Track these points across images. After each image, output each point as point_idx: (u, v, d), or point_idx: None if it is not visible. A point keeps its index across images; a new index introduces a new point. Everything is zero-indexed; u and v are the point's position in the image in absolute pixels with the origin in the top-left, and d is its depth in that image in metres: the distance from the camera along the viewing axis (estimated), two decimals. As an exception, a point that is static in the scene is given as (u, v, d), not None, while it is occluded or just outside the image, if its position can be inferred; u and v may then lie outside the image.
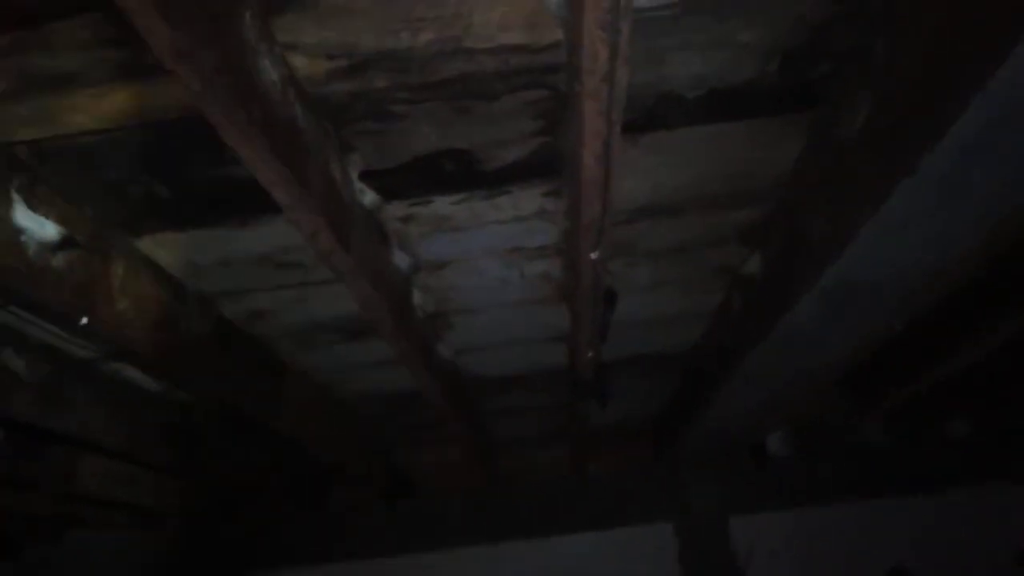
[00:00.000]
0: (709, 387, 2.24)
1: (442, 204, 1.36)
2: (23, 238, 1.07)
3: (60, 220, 1.13)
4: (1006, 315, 1.94)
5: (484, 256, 1.57)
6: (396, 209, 1.35)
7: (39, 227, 1.08)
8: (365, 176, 1.22)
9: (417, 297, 1.61)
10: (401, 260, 1.45)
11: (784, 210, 1.45)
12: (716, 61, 1.07)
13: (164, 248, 1.38)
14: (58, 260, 1.14)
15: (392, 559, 3.32)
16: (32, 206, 1.08)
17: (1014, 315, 1.94)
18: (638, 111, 1.14)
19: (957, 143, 0.98)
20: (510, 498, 3.40)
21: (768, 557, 3.16)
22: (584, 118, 0.89)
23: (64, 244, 1.13)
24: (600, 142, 0.92)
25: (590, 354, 1.70)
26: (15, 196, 1.06)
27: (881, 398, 2.72)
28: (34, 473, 2.18)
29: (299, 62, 0.98)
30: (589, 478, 3.38)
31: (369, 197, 1.23)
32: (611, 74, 0.80)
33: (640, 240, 1.58)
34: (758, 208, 1.49)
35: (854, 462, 3.29)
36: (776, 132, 1.25)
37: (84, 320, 1.20)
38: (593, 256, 1.20)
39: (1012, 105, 0.92)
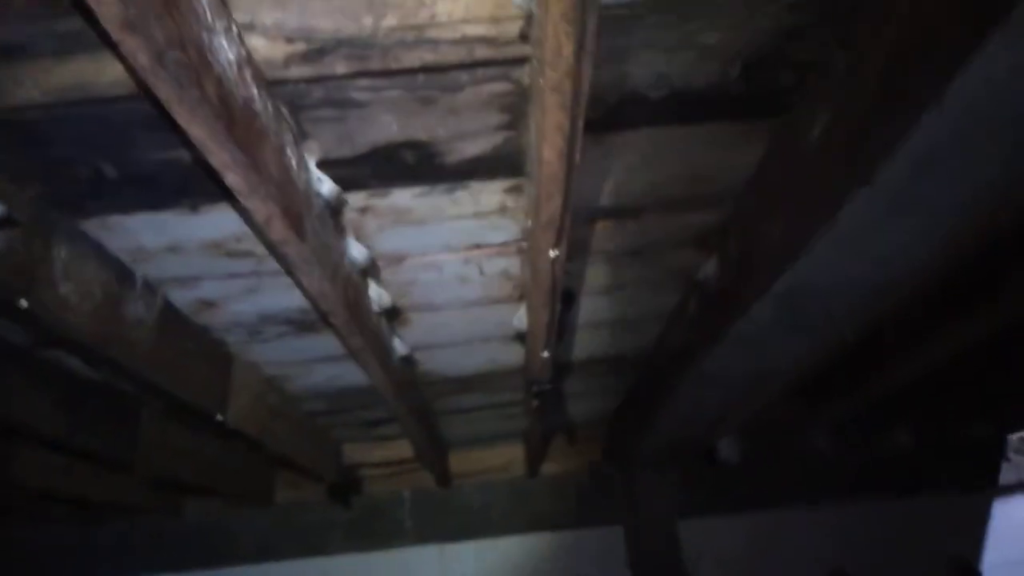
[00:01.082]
0: (663, 390, 2.26)
1: (401, 196, 1.34)
2: (-43, 214, 1.02)
3: (1, 198, 1.08)
4: (953, 328, 2.00)
5: (443, 252, 1.56)
6: (354, 200, 1.33)
7: (-25, 204, 1.03)
8: (323, 165, 1.19)
9: (373, 292, 1.58)
10: (358, 253, 1.42)
11: (742, 215, 1.47)
12: (679, 62, 1.08)
13: (111, 231, 1.33)
14: (-4, 239, 1.09)
15: (339, 557, 3.28)
16: (-32, 181, 1.03)
17: (960, 328, 2.00)
18: (600, 110, 1.14)
19: (911, 156, 1.00)
20: (461, 497, 3.38)
21: (716, 560, 3.21)
22: (546, 112, 0.88)
23: (3, 223, 1.08)
24: (562, 137, 0.92)
25: (545, 354, 1.70)
26: (-50, 169, 1.01)
27: (829, 406, 2.78)
28: (-36, 463, 2.09)
29: (257, 43, 0.95)
30: (541, 479, 3.39)
31: (327, 186, 1.20)
32: (575, 68, 0.80)
33: (599, 241, 1.58)
34: (716, 212, 1.51)
35: (800, 469, 3.37)
36: (737, 137, 1.26)
37: (23, 303, 1.15)
38: (552, 255, 1.19)
39: (966, 121, 0.94)
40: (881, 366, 2.31)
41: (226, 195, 1.26)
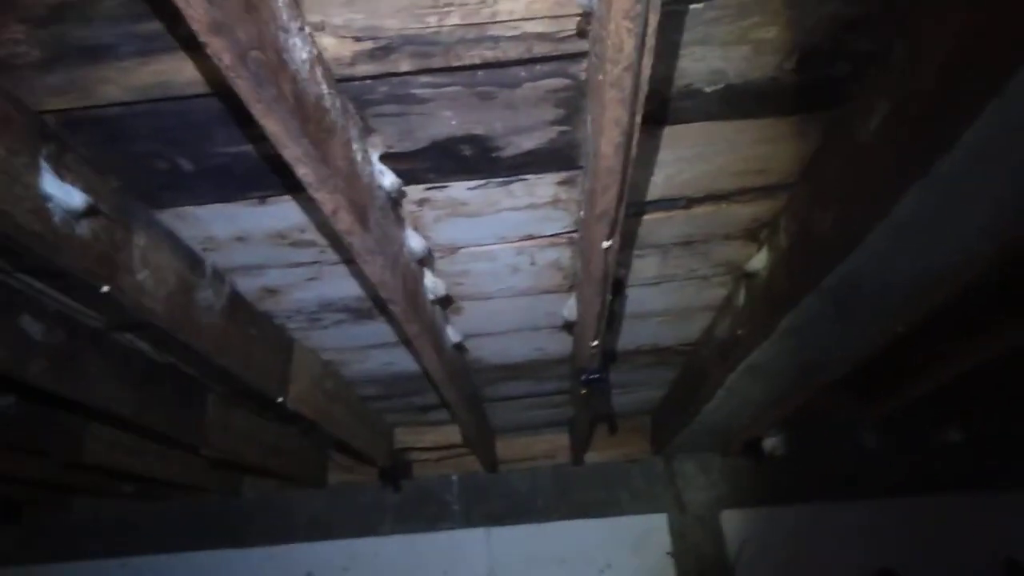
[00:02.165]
0: (709, 381, 2.27)
1: (458, 189, 1.38)
2: (49, 205, 1.09)
3: (86, 189, 1.15)
4: (1011, 323, 1.96)
5: (497, 242, 1.59)
6: (413, 192, 1.37)
7: (65, 195, 1.10)
8: (385, 158, 1.24)
9: (429, 281, 1.63)
10: (416, 243, 1.47)
11: (794, 208, 1.47)
12: (735, 57, 1.09)
13: (184, 221, 1.41)
14: (82, 228, 1.16)
15: (390, 537, 3.37)
16: (60, 175, 1.10)
17: (1015, 323, 1.96)
18: (655, 103, 1.16)
19: (970, 148, 1.00)
20: (507, 483, 3.44)
21: (759, 551, 3.20)
22: (605, 107, 0.91)
23: (89, 213, 1.15)
24: (620, 131, 0.94)
25: (595, 344, 1.73)
26: (43, 164, 1.08)
27: (878, 401, 2.75)
28: (44, 440, 2.22)
29: (327, 42, 0.99)
30: (586, 467, 3.42)
31: (388, 179, 1.24)
32: (636, 64, 0.82)
33: (649, 232, 1.60)
34: (767, 205, 1.51)
35: (849, 464, 3.33)
36: (791, 130, 1.27)
37: (105, 288, 1.22)
38: (605, 245, 1.22)
39: (1025, 112, 0.94)
40: (932, 360, 2.28)
41: (292, 188, 1.33)
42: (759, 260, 1.67)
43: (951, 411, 3.20)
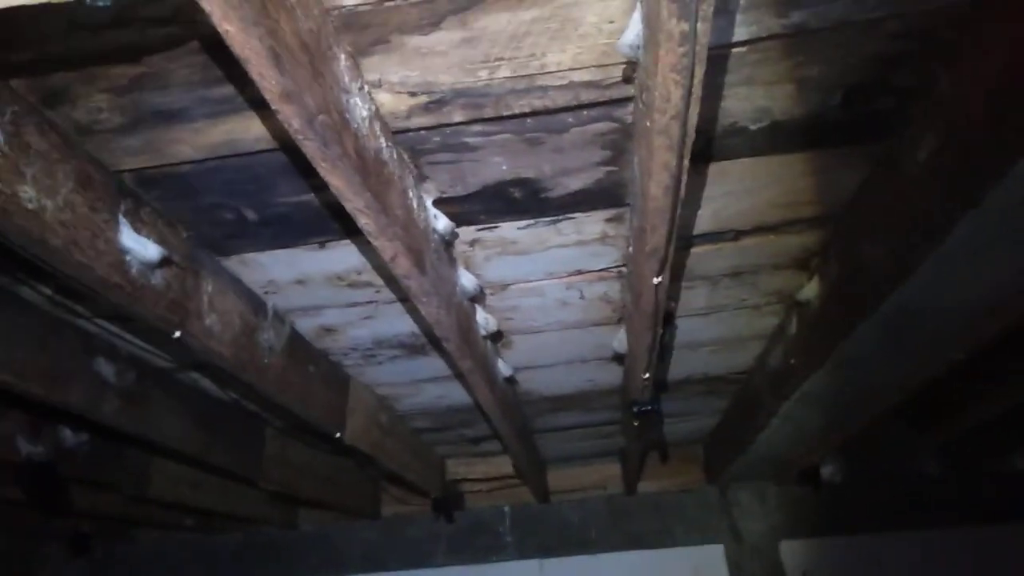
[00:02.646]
0: (763, 410, 2.24)
1: (508, 229, 1.42)
2: (127, 258, 1.16)
3: (160, 241, 1.22)
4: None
5: (546, 278, 1.62)
6: (465, 233, 1.41)
7: (142, 248, 1.17)
8: (438, 203, 1.28)
9: (480, 317, 1.66)
10: (467, 282, 1.51)
11: (843, 237, 1.47)
12: (779, 95, 1.11)
13: (248, 267, 1.47)
14: (156, 278, 1.23)
15: (443, 569, 3.38)
16: (136, 229, 1.17)
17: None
18: (701, 142, 1.18)
19: (1022, 177, 1.00)
20: (559, 513, 3.42)
21: (820, 583, 3.12)
22: (653, 152, 0.94)
23: (162, 263, 1.22)
24: (668, 175, 0.97)
25: (646, 375, 1.73)
26: (122, 220, 1.15)
27: (937, 428, 2.68)
28: (113, 476, 2.31)
29: (384, 98, 1.05)
30: (639, 496, 3.39)
31: (442, 223, 1.29)
32: (683, 113, 0.85)
33: (698, 264, 1.61)
34: (816, 235, 1.51)
35: (909, 491, 3.22)
36: (837, 163, 1.28)
37: (177, 334, 1.29)
38: (656, 281, 1.24)
39: (1078, 142, 0.94)
40: (994, 387, 2.22)
41: (350, 232, 1.38)
42: (810, 289, 1.66)
43: (1014, 438, 3.09)
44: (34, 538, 3.57)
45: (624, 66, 1.01)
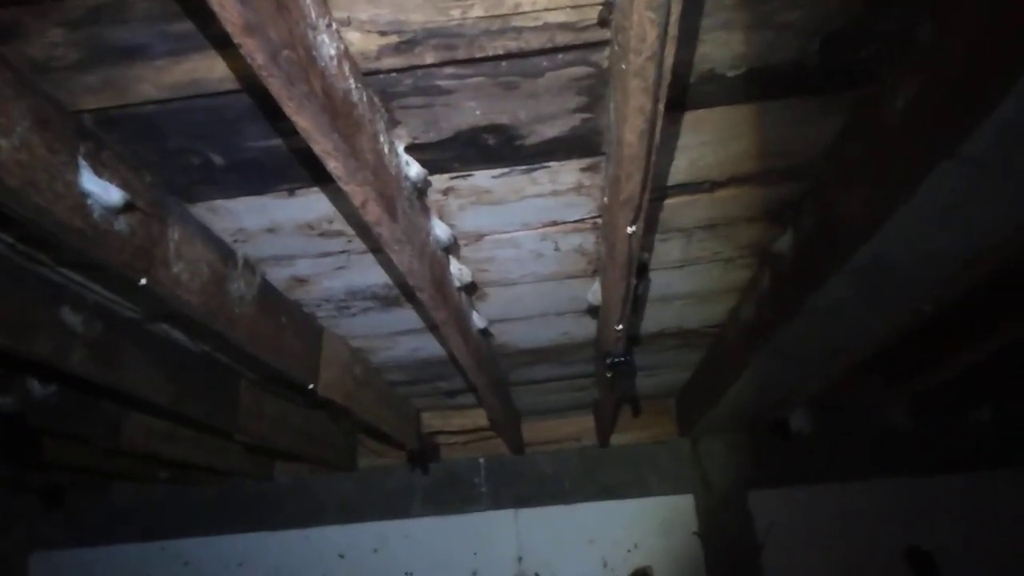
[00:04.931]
0: (735, 363, 2.27)
1: (482, 177, 1.40)
2: (89, 202, 1.12)
3: (123, 185, 1.18)
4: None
5: (521, 229, 1.61)
6: (438, 181, 1.39)
7: (103, 191, 1.13)
8: (410, 149, 1.26)
9: (454, 268, 1.65)
10: (441, 232, 1.49)
11: (818, 189, 1.47)
12: (757, 41, 1.09)
13: (216, 214, 1.44)
14: (120, 224, 1.19)
15: (419, 520, 3.43)
16: (97, 172, 1.14)
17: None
18: (678, 89, 1.17)
19: (997, 128, 1.00)
20: (534, 465, 3.47)
21: (787, 532, 3.21)
22: (629, 96, 0.92)
23: (126, 208, 1.19)
24: (644, 119, 0.95)
25: (619, 327, 1.74)
26: (82, 162, 1.11)
27: (907, 381, 2.73)
28: (85, 428, 2.29)
29: (353, 37, 1.01)
30: (612, 449, 3.45)
31: (414, 170, 1.27)
32: (659, 54, 0.83)
33: (673, 216, 1.61)
34: (791, 186, 1.51)
35: (877, 443, 3.32)
36: (815, 112, 1.27)
37: (143, 281, 1.26)
38: (630, 231, 1.23)
39: (1053, 91, 0.93)
40: (963, 340, 2.26)
41: (320, 179, 1.35)
42: (784, 242, 1.67)
43: (982, 390, 3.17)
44: (8, 491, 3.55)
45: (600, 7, 0.99)
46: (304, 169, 1.31)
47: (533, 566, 3.32)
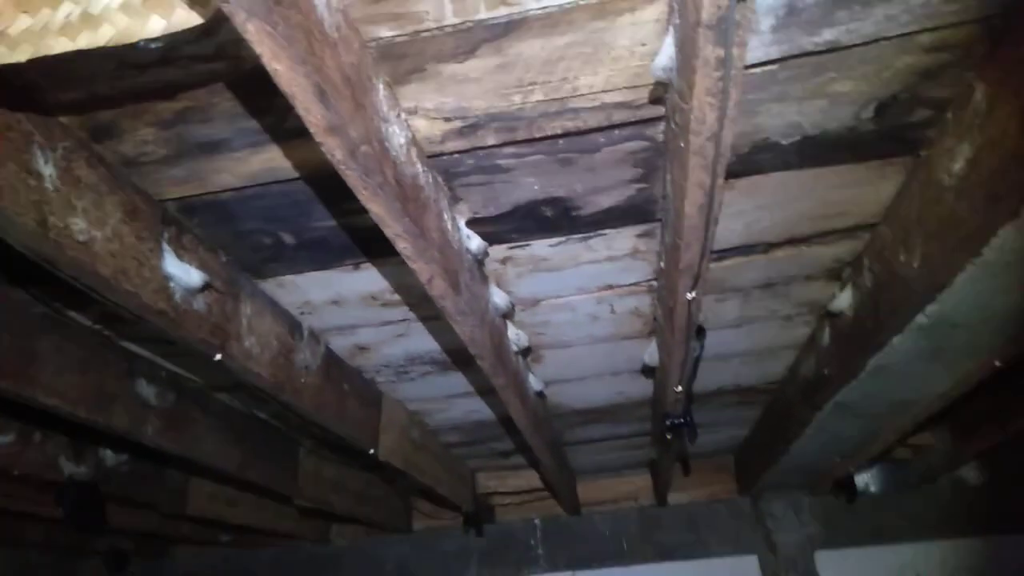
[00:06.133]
0: (796, 420, 2.23)
1: (539, 246, 1.43)
2: (171, 284, 1.19)
3: (201, 266, 1.25)
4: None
5: (577, 293, 1.63)
6: (496, 252, 1.43)
7: (184, 274, 1.20)
8: (471, 223, 1.30)
9: (512, 333, 1.68)
10: (499, 298, 1.52)
11: (878, 248, 1.46)
12: (810, 111, 1.11)
13: (284, 289, 1.50)
14: (198, 303, 1.26)
15: (476, 583, 3.39)
16: (179, 255, 1.20)
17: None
18: (734, 158, 1.19)
19: (1060, 188, 0.99)
20: (590, 525, 3.41)
21: (858, 595, 3.08)
22: (688, 172, 0.94)
23: (204, 288, 1.25)
24: (702, 193, 0.98)
25: (678, 388, 1.73)
26: (165, 247, 1.18)
27: (978, 435, 2.64)
28: (151, 494, 2.35)
29: (419, 124, 1.07)
30: (670, 508, 3.37)
31: (475, 242, 1.31)
32: (718, 134, 0.86)
33: (730, 276, 1.61)
34: (849, 245, 1.51)
35: (947, 501, 3.17)
36: (871, 175, 1.27)
37: (218, 356, 1.32)
38: (689, 297, 1.25)
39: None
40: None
41: (384, 254, 1.40)
42: (843, 300, 1.65)
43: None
44: (74, 555, 3.62)
45: (655, 87, 1.02)
46: (369, 244, 1.36)
47: (593, 631, 3.23)
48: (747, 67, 1.00)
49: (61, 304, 1.45)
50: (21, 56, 0.73)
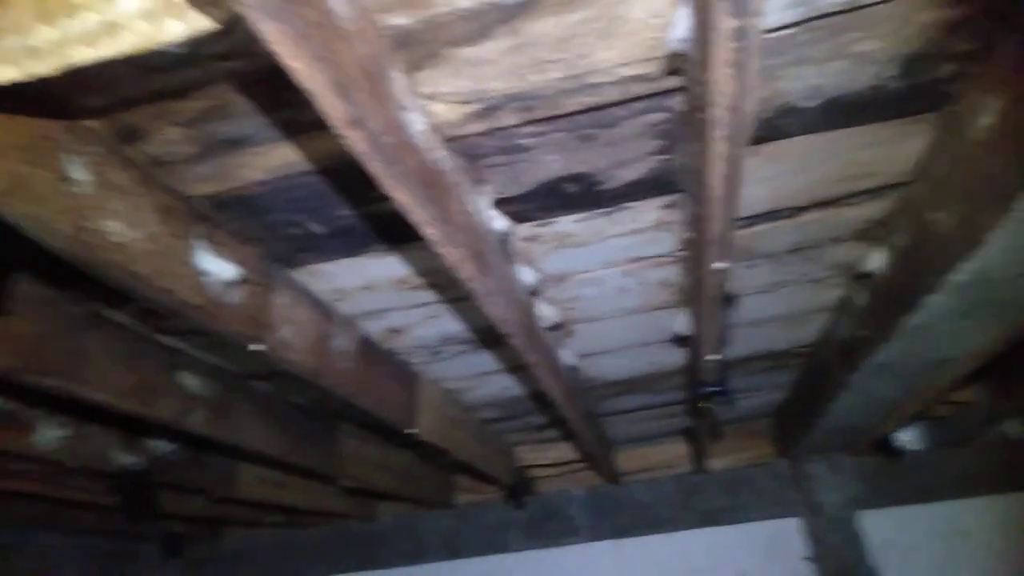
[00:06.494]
0: (832, 382, 2.21)
1: (564, 223, 1.43)
2: (206, 279, 1.22)
3: (234, 260, 1.28)
4: None
5: (604, 267, 1.64)
6: (522, 230, 1.44)
7: (219, 268, 1.23)
8: (496, 204, 1.31)
9: (541, 309, 1.69)
10: (527, 276, 1.53)
11: (909, 207, 1.44)
12: (832, 72, 1.09)
13: (316, 277, 1.53)
14: (234, 296, 1.29)
15: (519, 554, 3.44)
16: (212, 251, 1.23)
17: None
18: (757, 123, 1.17)
19: (1096, 137, 0.97)
20: (630, 494, 3.44)
21: (903, 552, 3.06)
22: (708, 144, 0.94)
23: (238, 281, 1.28)
24: (725, 164, 0.97)
25: (711, 358, 1.73)
26: (199, 243, 1.21)
27: (1018, 390, 2.59)
28: (202, 480, 2.42)
29: (438, 109, 1.07)
30: (709, 474, 3.38)
31: (500, 223, 1.32)
32: (739, 104, 0.85)
33: (759, 243, 1.60)
34: (879, 205, 1.49)
35: (991, 455, 3.13)
36: (897, 133, 1.25)
37: (256, 347, 1.35)
38: (717, 267, 1.24)
39: None
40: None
41: (413, 238, 1.42)
42: (876, 260, 1.63)
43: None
44: (131, 540, 3.77)
45: (672, 58, 1.01)
46: (397, 230, 1.38)
47: (637, 598, 3.28)
48: (765, 32, 0.99)
49: (101, 303, 1.50)
50: (46, 68, 0.75)
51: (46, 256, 1.01)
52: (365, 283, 1.58)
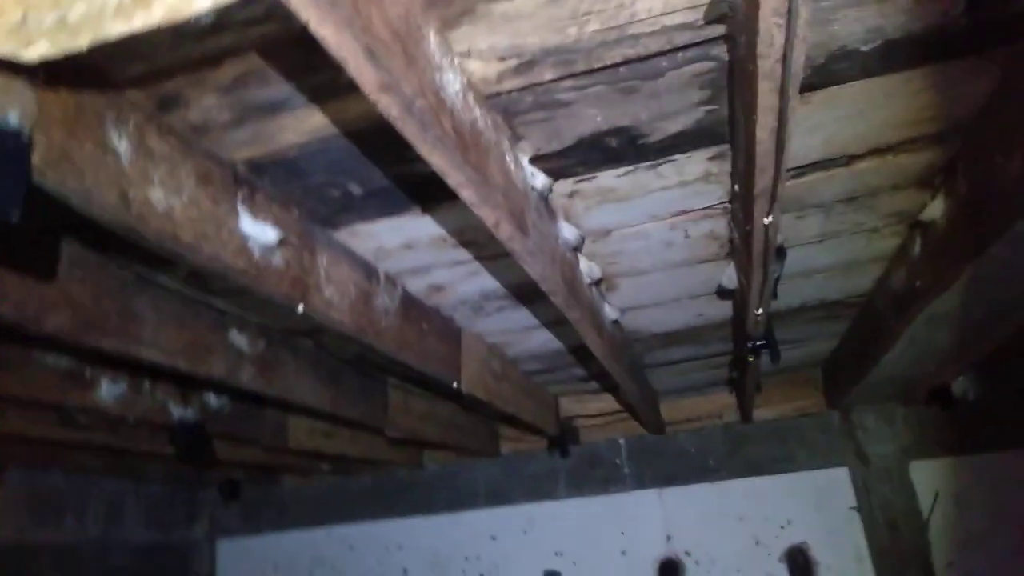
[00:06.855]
0: (887, 332, 2.15)
1: (607, 178, 1.40)
2: (249, 243, 1.23)
3: (276, 223, 1.28)
4: None
5: (649, 221, 1.60)
6: (562, 187, 1.41)
7: (261, 232, 1.24)
8: (535, 160, 1.28)
9: (584, 266, 1.67)
10: (569, 233, 1.51)
11: (972, 152, 1.36)
12: (892, 12, 1.02)
13: (357, 237, 1.53)
14: (277, 259, 1.30)
15: (565, 501, 3.50)
16: (254, 214, 1.24)
17: None
18: (808, 70, 1.11)
19: None
20: (676, 444, 3.45)
21: (955, 502, 3.02)
22: (758, 95, 0.89)
23: (280, 244, 1.29)
24: (774, 116, 0.92)
25: (759, 312, 1.69)
26: (240, 208, 1.22)
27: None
28: (255, 431, 2.50)
29: (474, 67, 1.04)
30: (756, 424, 3.36)
31: (539, 180, 1.29)
32: (788, 55, 0.80)
33: (810, 193, 1.54)
34: (941, 151, 1.41)
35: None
36: (961, 75, 1.17)
37: (301, 308, 1.37)
38: (766, 221, 1.20)
39: None
40: None
41: (451, 196, 1.39)
42: (935, 208, 1.56)
43: None
44: (194, 486, 3.94)
45: (718, 3, 0.96)
46: (436, 189, 1.36)
47: (682, 545, 3.31)
48: (820, -27, 0.92)
49: (148, 267, 1.52)
50: (82, 42, 0.75)
51: (90, 220, 1.02)
52: (406, 242, 1.57)
